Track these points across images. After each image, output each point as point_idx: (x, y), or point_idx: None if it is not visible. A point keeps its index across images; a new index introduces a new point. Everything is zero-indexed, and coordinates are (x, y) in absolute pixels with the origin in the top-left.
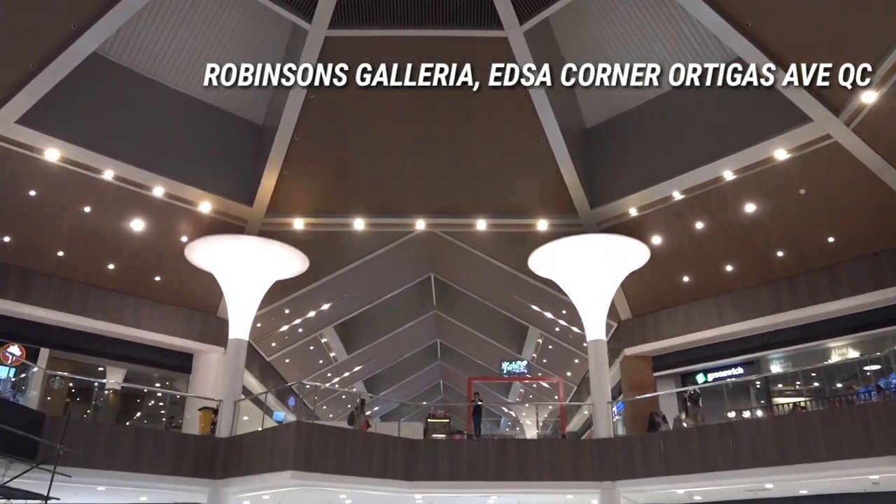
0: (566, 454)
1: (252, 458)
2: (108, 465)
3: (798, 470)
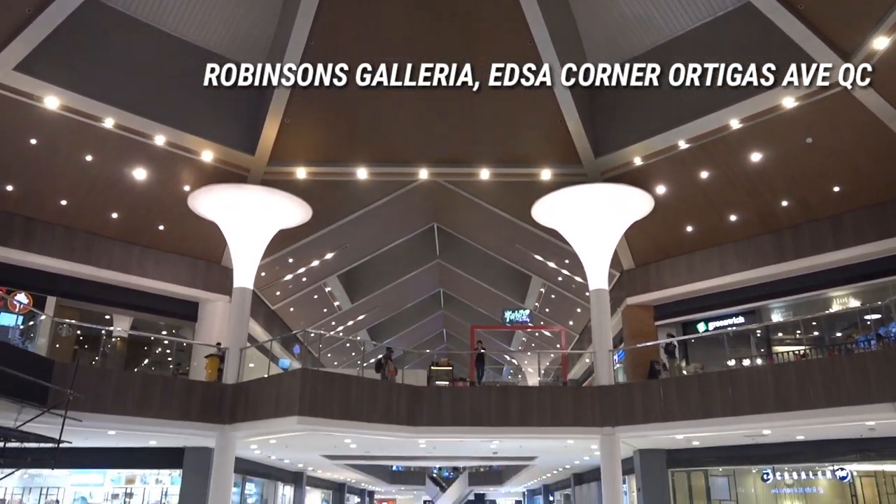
0: (567, 401)
1: (258, 404)
2: (118, 410)
3: (796, 416)
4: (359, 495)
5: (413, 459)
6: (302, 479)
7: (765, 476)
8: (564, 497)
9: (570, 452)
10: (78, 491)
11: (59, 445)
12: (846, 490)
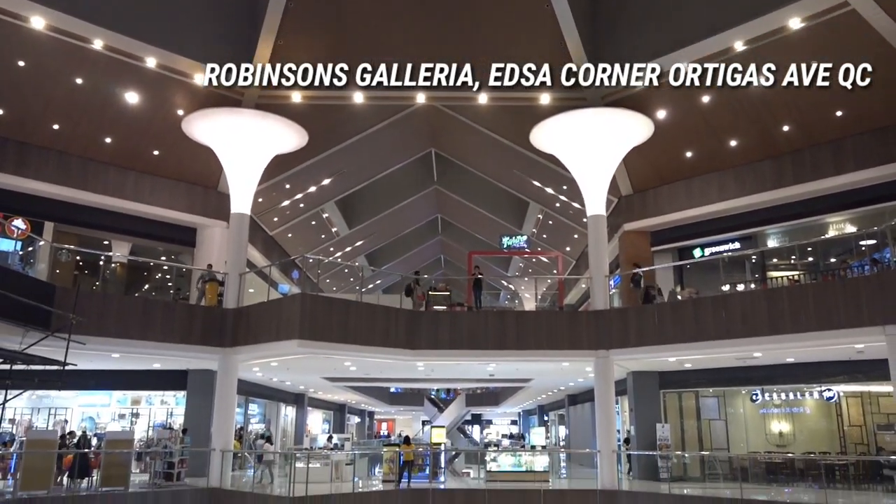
0: (563, 325)
1: (259, 328)
2: (120, 334)
3: (788, 340)
4: (359, 415)
5: (411, 382)
6: (303, 400)
7: (754, 396)
8: (559, 417)
9: (565, 374)
10: (85, 411)
11: (65, 368)
12: (832, 410)
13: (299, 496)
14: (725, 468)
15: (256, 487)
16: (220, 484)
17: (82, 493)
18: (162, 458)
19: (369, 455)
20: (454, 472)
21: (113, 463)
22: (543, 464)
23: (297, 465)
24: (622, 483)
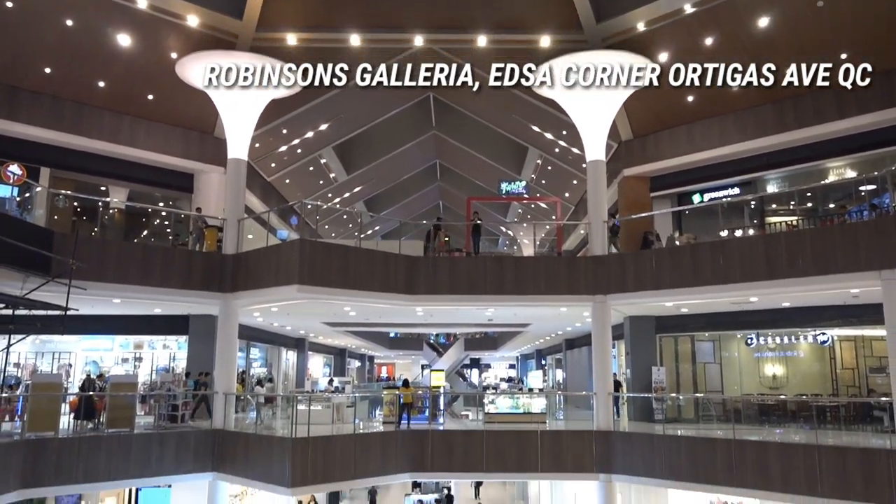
0: (561, 270)
1: (259, 273)
2: (120, 280)
3: (784, 284)
4: (359, 360)
5: (411, 327)
6: (304, 345)
7: (749, 341)
8: (556, 361)
9: (563, 319)
10: (89, 355)
11: (67, 313)
12: (826, 353)
13: (301, 437)
14: (719, 410)
15: (260, 429)
16: (223, 426)
17: (89, 435)
18: (166, 400)
19: (370, 398)
20: (453, 415)
21: (118, 405)
22: (541, 406)
23: (299, 407)
24: (618, 424)
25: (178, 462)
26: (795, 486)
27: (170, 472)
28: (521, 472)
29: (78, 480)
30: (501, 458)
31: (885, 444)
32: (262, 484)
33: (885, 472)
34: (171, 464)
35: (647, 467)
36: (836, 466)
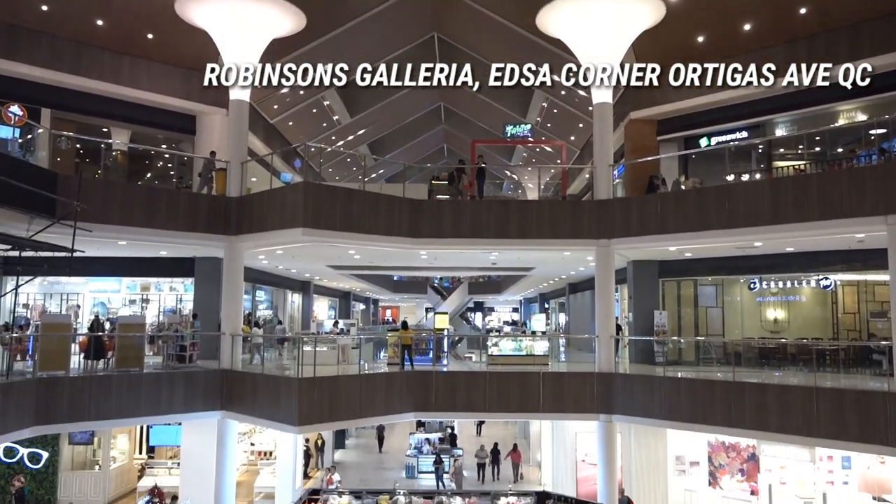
0: (565, 214)
1: (263, 216)
2: (125, 222)
3: (790, 229)
4: (364, 303)
5: (415, 270)
6: (309, 288)
7: (752, 285)
8: (559, 305)
9: (567, 263)
10: (97, 297)
11: (73, 254)
12: (828, 298)
13: (308, 377)
14: (719, 353)
15: (267, 369)
16: (231, 366)
17: (99, 374)
18: (174, 341)
19: (374, 340)
20: (457, 357)
21: (127, 346)
22: (543, 348)
23: (305, 348)
24: (618, 366)
25: (187, 401)
26: (792, 427)
27: (179, 411)
28: (523, 412)
29: (89, 418)
30: (504, 398)
31: (882, 386)
32: (270, 422)
33: (882, 414)
34: (181, 403)
35: (646, 408)
36: (833, 408)
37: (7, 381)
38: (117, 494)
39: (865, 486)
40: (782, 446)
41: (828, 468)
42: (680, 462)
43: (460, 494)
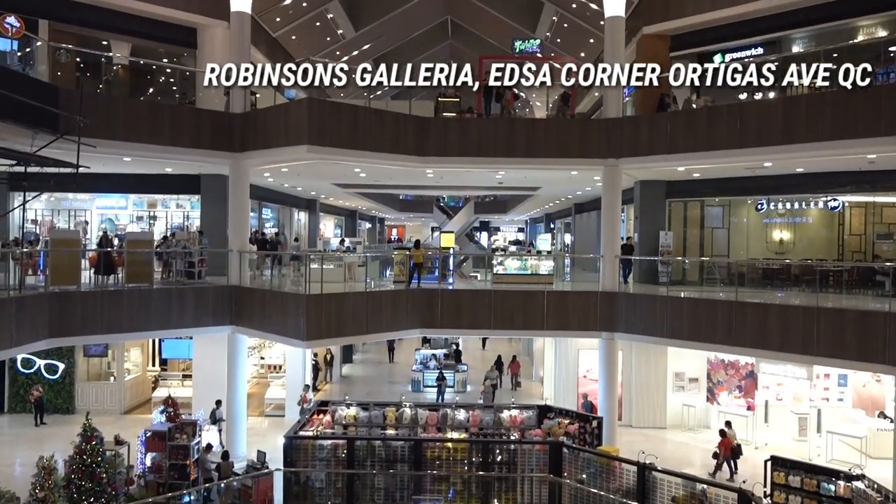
0: (573, 133)
1: (268, 133)
2: (129, 138)
3: (801, 149)
4: (370, 222)
5: (421, 189)
6: (315, 206)
7: (759, 206)
8: (565, 225)
9: (573, 183)
10: (104, 214)
11: (78, 170)
12: (834, 219)
13: (315, 294)
14: (723, 273)
15: (275, 285)
16: (239, 282)
17: (110, 289)
18: (182, 257)
19: (380, 258)
20: (462, 275)
21: (136, 262)
22: (548, 268)
23: (312, 266)
24: (622, 286)
25: (197, 316)
26: (792, 346)
27: (189, 325)
28: (527, 329)
29: (102, 331)
30: (508, 316)
31: (883, 307)
32: (279, 337)
33: (881, 333)
34: (191, 318)
35: (649, 326)
36: (834, 327)
37: (20, 294)
38: (132, 404)
39: (860, 402)
40: (781, 364)
41: (824, 385)
42: (679, 379)
43: (464, 407)
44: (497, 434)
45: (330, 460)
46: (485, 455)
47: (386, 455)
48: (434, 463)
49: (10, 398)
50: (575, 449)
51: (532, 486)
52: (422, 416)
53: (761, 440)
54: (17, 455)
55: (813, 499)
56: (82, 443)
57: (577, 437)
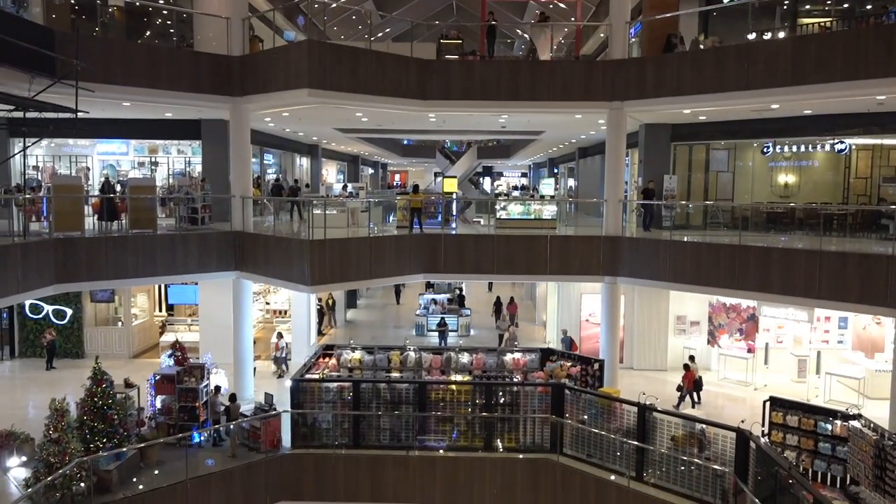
0: (578, 75)
1: (268, 77)
2: (128, 82)
3: (811, 90)
4: (372, 167)
5: (423, 133)
6: (317, 151)
7: (765, 149)
8: (568, 170)
9: (577, 127)
10: (105, 160)
11: (77, 115)
12: (841, 162)
13: (318, 239)
14: (727, 218)
15: (278, 232)
16: (242, 228)
17: (114, 235)
18: (185, 203)
19: (383, 203)
20: (465, 221)
21: (139, 208)
22: (551, 212)
23: (315, 211)
24: (625, 230)
25: (202, 262)
26: (794, 289)
27: (194, 271)
28: (530, 274)
29: (107, 277)
30: (511, 260)
31: (886, 250)
32: (284, 282)
33: (883, 276)
34: (195, 263)
35: (651, 270)
36: (836, 270)
37: (25, 241)
38: (140, 349)
39: (859, 344)
40: (782, 307)
41: (824, 328)
42: (680, 322)
43: (468, 350)
44: (500, 377)
45: (336, 402)
46: (488, 397)
47: (391, 397)
48: (438, 405)
49: (20, 343)
50: (576, 390)
51: (535, 426)
52: (426, 360)
53: (760, 382)
54: (29, 398)
55: (810, 438)
56: (93, 386)
57: (578, 380)
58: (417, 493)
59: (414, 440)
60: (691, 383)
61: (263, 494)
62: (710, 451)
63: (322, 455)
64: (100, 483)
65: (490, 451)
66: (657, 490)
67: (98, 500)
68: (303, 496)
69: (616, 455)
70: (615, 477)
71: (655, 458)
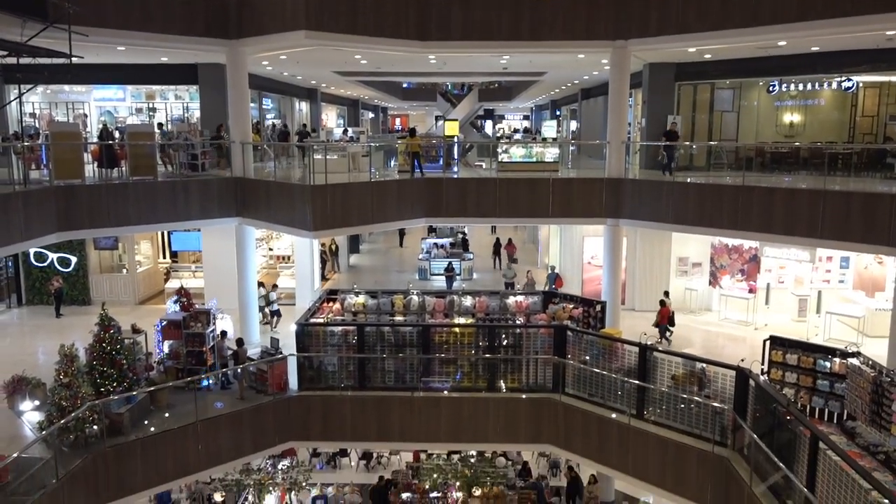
0: (581, 13)
1: (263, 18)
2: (121, 25)
3: (817, 25)
4: (372, 111)
5: (424, 76)
6: (317, 96)
7: (771, 88)
8: (571, 112)
9: (580, 67)
10: (102, 106)
11: (72, 60)
12: (847, 101)
13: (319, 184)
14: (731, 158)
15: (279, 177)
16: (243, 174)
17: (115, 182)
18: (185, 150)
19: (384, 148)
20: (467, 164)
21: (139, 154)
22: (553, 155)
23: (315, 156)
24: (628, 172)
25: (203, 208)
26: (797, 229)
27: (196, 217)
28: (532, 217)
29: (110, 224)
30: (513, 204)
31: (890, 189)
32: (286, 227)
33: (886, 215)
34: (197, 209)
35: (654, 212)
36: (839, 210)
37: (25, 189)
38: (146, 295)
39: (860, 284)
40: (784, 248)
41: (826, 268)
42: (682, 263)
43: (471, 293)
44: (503, 319)
45: (341, 346)
46: (491, 339)
47: (395, 340)
48: (442, 347)
49: (26, 291)
50: (578, 332)
51: (537, 367)
52: (429, 303)
53: (761, 322)
54: (38, 344)
55: (808, 375)
56: (100, 332)
57: (580, 321)
58: (422, 432)
59: (418, 382)
60: (665, 319)
61: (272, 435)
62: (710, 390)
63: (328, 397)
64: (112, 425)
65: (493, 391)
66: (657, 427)
67: (111, 442)
68: (311, 436)
69: (617, 394)
70: (616, 415)
71: (656, 397)
